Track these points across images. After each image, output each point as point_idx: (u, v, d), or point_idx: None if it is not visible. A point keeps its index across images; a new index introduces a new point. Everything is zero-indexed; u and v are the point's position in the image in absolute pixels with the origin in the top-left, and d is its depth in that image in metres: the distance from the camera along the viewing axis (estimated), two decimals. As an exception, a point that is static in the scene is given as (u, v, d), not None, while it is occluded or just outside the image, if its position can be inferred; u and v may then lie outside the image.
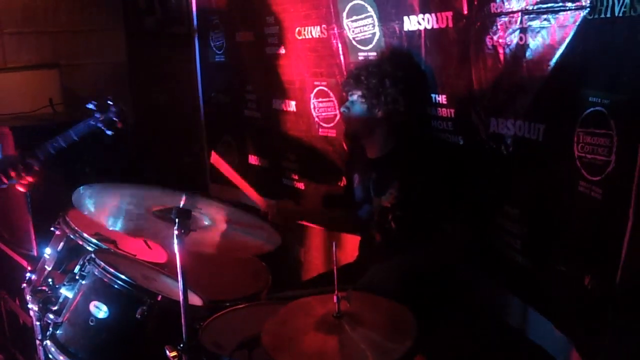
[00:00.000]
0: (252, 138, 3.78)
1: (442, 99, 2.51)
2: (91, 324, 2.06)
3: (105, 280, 2.08)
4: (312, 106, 3.22)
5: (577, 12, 1.88)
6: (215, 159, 2.78)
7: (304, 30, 3.11)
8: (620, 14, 1.68)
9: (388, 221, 2.51)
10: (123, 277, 2.06)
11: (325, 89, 3.13)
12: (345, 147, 3.10)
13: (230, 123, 3.93)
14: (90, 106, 2.83)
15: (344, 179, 3.14)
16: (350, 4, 2.80)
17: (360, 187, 2.70)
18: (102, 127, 2.81)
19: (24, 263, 3.45)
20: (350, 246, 3.18)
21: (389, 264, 2.43)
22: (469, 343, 2.47)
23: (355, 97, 2.53)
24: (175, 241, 1.72)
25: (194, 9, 4.09)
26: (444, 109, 2.51)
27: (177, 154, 4.48)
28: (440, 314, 2.37)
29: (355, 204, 2.73)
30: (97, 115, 2.80)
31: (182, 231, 1.73)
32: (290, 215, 2.99)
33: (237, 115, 3.83)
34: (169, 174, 4.31)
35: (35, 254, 3.39)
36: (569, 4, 1.90)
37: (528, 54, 2.09)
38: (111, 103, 2.81)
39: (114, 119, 2.79)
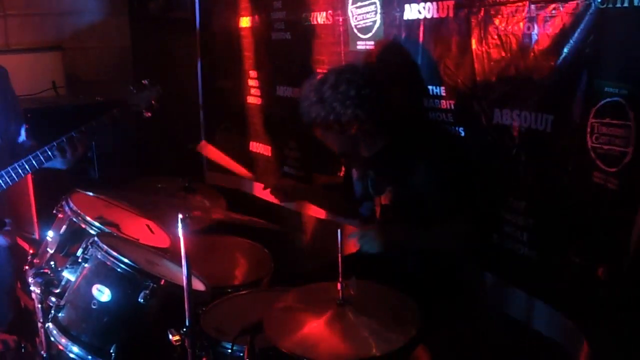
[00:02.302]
0: (254, 124, 3.76)
1: (441, 90, 2.47)
2: (93, 307, 2.06)
3: (108, 263, 2.08)
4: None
5: (588, 1, 1.86)
6: (204, 146, 2.77)
7: (311, 16, 3.09)
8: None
9: (389, 219, 2.49)
10: (126, 260, 2.05)
11: (329, 76, 3.11)
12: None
13: (231, 109, 3.91)
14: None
15: (343, 168, 3.13)
16: (356, -11, 2.79)
17: (359, 183, 2.67)
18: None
19: (26, 246, 3.45)
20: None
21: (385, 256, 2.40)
22: (471, 334, 2.47)
23: (320, 131, 2.47)
24: (179, 225, 1.71)
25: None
26: (443, 101, 2.47)
27: (177, 140, 4.46)
28: (441, 305, 2.36)
29: (356, 200, 2.71)
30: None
31: (186, 216, 1.73)
32: (291, 191, 2.97)
33: (238, 101, 3.81)
34: (168, 161, 4.31)
35: (37, 237, 3.39)
36: (579, -7, 1.88)
37: (536, 43, 2.07)
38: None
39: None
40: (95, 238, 2.15)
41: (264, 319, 1.86)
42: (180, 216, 1.69)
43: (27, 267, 2.51)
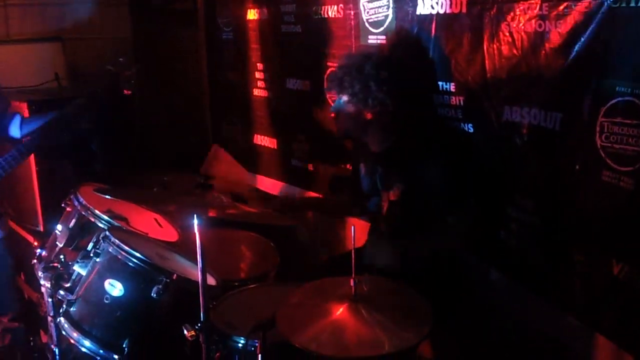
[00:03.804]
0: (260, 118, 3.76)
1: (451, 86, 2.48)
2: (106, 301, 2.07)
3: (120, 258, 2.08)
4: (325, 86, 3.20)
5: (600, 1, 1.87)
6: (215, 150, 2.79)
7: (321, 9, 3.09)
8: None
9: (396, 214, 2.51)
10: (139, 255, 2.06)
11: (338, 69, 3.11)
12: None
13: (237, 102, 3.91)
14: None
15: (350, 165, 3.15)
16: (370, -17, 2.78)
17: (367, 178, 2.68)
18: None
19: (30, 238, 3.45)
20: (358, 231, 3.20)
21: (390, 251, 2.44)
22: (475, 330, 2.48)
23: (341, 100, 2.48)
24: (195, 221, 1.72)
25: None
26: (453, 97, 2.49)
27: (181, 132, 4.46)
28: (445, 300, 2.38)
29: (364, 194, 2.72)
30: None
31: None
32: (295, 206, 3.01)
33: (244, 94, 3.81)
34: (172, 153, 4.31)
35: (41, 229, 3.39)
36: (593, -8, 1.89)
37: (547, 41, 2.08)
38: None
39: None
40: (107, 232, 2.15)
41: (276, 315, 1.86)
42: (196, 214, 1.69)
43: (35, 261, 2.50)
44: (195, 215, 1.71)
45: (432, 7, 2.48)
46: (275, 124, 3.66)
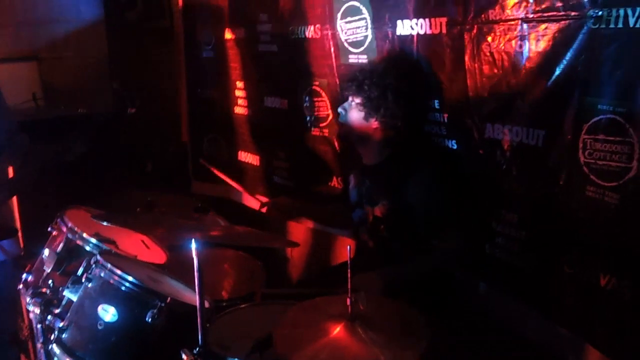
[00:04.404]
0: (241, 135, 3.77)
1: (435, 104, 2.53)
2: (99, 327, 2.04)
3: (113, 282, 2.07)
4: (304, 105, 3.23)
5: (580, 22, 1.93)
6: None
7: (298, 29, 3.12)
8: (637, 25, 1.73)
9: (380, 230, 2.53)
10: (132, 279, 2.05)
11: (318, 88, 3.15)
12: (337, 147, 3.13)
13: (217, 120, 3.92)
14: None
15: (334, 178, 3.17)
16: (345, 5, 2.82)
17: (355, 190, 2.70)
18: None
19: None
20: (340, 247, 3.23)
21: (374, 271, 2.40)
22: (465, 342, 2.51)
23: (353, 102, 2.49)
24: (193, 245, 1.73)
25: (180, 2, 4.05)
26: (436, 114, 2.53)
27: (160, 150, 4.45)
28: (436, 314, 2.40)
29: (350, 205, 2.74)
30: None
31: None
32: (286, 208, 3.00)
33: (225, 112, 3.82)
34: (152, 171, 4.29)
35: (22, 253, 3.33)
36: (572, 13, 1.95)
37: (528, 61, 2.14)
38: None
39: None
40: (98, 256, 2.13)
41: (273, 334, 1.87)
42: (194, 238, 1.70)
43: (21, 286, 2.47)
44: (193, 240, 1.72)
45: (412, 28, 2.53)
46: (256, 141, 3.68)
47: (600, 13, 1.86)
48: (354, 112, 2.49)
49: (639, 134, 1.79)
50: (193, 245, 1.72)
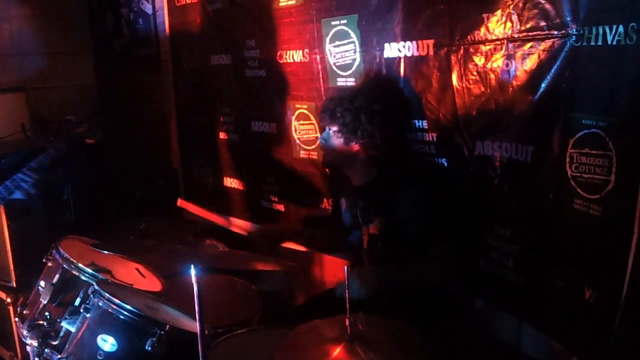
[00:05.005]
0: (228, 160, 3.78)
1: (424, 123, 2.57)
2: (99, 357, 2.04)
3: (112, 312, 2.07)
4: (293, 128, 3.26)
5: (563, 40, 1.99)
6: (181, 203, 2.79)
7: (286, 54, 3.16)
8: (614, 43, 1.79)
9: (378, 248, 2.55)
10: (130, 308, 2.05)
11: (306, 112, 3.18)
12: (327, 171, 3.15)
13: (205, 145, 3.93)
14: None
15: (325, 201, 3.18)
16: (334, 30, 2.87)
17: (348, 212, 2.72)
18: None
19: (2, 295, 3.37)
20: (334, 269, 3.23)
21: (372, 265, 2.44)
22: (461, 357, 2.53)
23: (331, 131, 2.54)
24: (193, 273, 1.73)
25: (167, 30, 4.08)
26: (426, 134, 2.57)
27: (149, 177, 4.45)
28: (431, 330, 2.42)
29: (345, 229, 2.76)
30: None
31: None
32: (275, 235, 3.01)
33: (212, 137, 3.83)
34: (142, 198, 4.28)
35: (14, 285, 3.31)
36: (555, 32, 2.01)
37: (515, 79, 2.19)
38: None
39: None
40: (96, 286, 2.13)
41: (274, 358, 1.88)
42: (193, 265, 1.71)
43: (17, 319, 2.46)
44: (192, 266, 1.72)
45: (399, 50, 2.58)
46: (243, 166, 3.68)
47: (581, 31, 1.91)
48: (334, 140, 2.55)
49: (617, 147, 1.83)
50: (192, 272, 1.72)
